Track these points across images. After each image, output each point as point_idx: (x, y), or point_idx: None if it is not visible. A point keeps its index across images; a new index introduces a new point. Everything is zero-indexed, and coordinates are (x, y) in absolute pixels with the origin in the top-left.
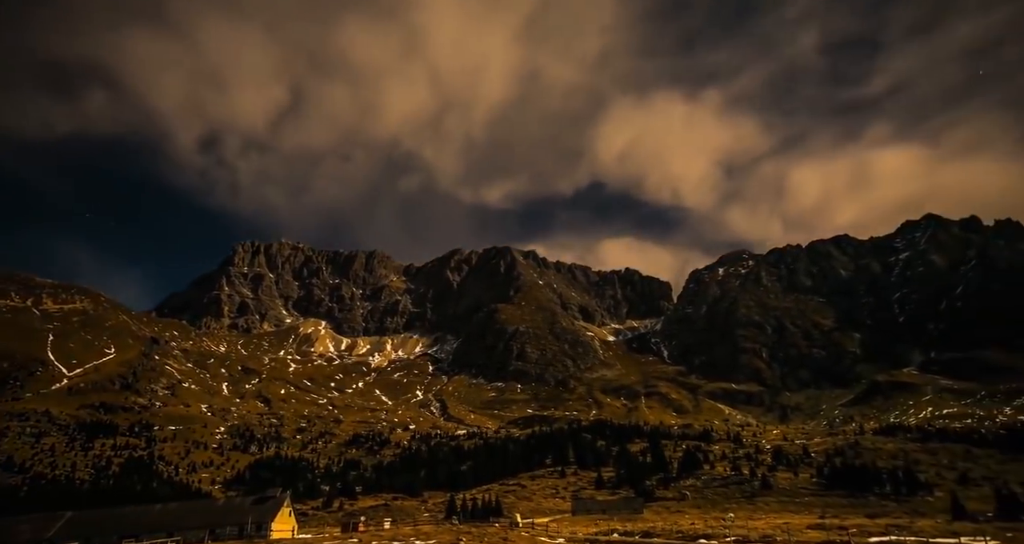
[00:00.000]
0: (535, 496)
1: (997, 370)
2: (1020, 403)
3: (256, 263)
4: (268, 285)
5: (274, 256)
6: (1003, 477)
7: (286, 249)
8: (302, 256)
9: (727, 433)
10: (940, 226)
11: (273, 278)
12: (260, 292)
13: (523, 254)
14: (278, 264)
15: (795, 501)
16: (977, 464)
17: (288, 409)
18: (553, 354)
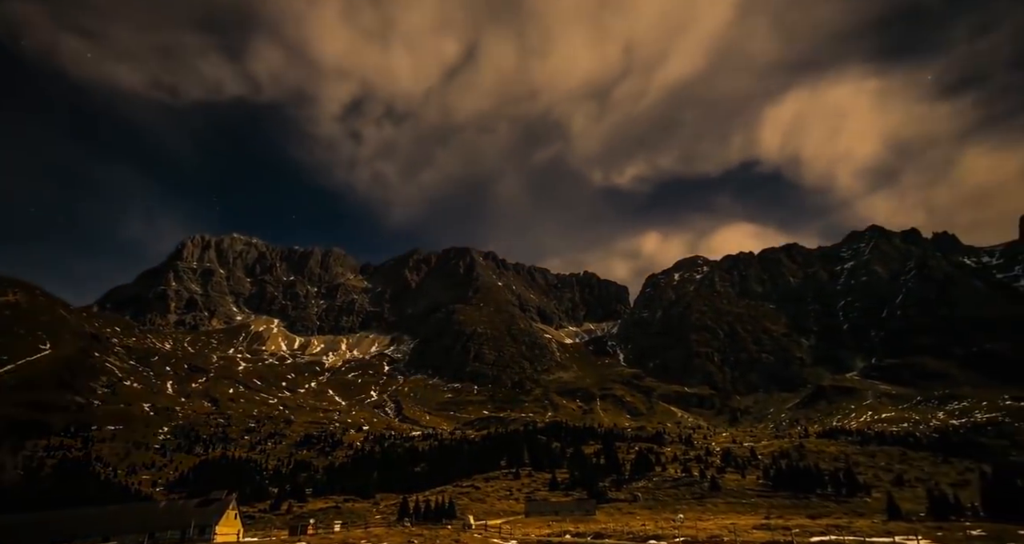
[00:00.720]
0: (489, 498)
1: (932, 376)
2: (952, 408)
3: (206, 258)
4: (219, 281)
5: (225, 251)
6: (935, 479)
7: (238, 244)
8: (255, 252)
9: (679, 435)
10: (883, 237)
11: (224, 274)
12: (210, 288)
13: (483, 255)
14: (229, 260)
15: (742, 502)
16: (912, 466)
17: (237, 409)
18: (510, 356)
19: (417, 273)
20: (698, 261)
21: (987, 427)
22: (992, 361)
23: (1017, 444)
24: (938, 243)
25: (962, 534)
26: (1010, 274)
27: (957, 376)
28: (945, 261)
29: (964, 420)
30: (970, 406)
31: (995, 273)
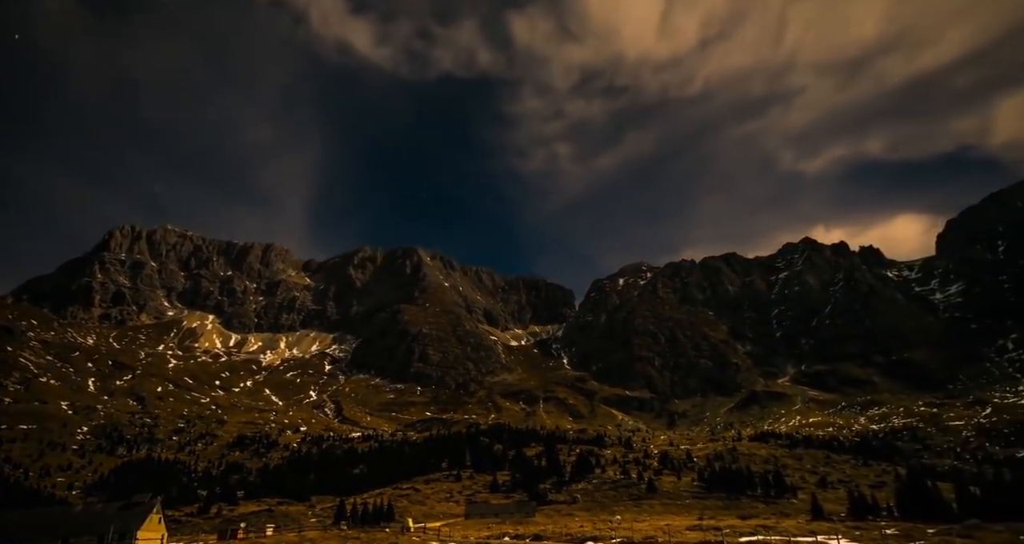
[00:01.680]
0: (429, 500)
1: (855, 383)
2: (872, 414)
3: (136, 249)
4: (149, 274)
5: (157, 243)
6: (856, 480)
7: (172, 236)
8: (190, 245)
9: (619, 438)
10: (815, 250)
11: (155, 267)
12: (139, 281)
13: (430, 255)
14: (162, 252)
15: (677, 503)
16: (835, 469)
17: (165, 408)
18: (455, 357)
19: (362, 271)
20: (642, 267)
21: (903, 432)
22: (909, 369)
23: (928, 448)
24: (864, 256)
25: (878, 533)
26: (927, 287)
27: (878, 383)
28: (870, 274)
29: (883, 425)
30: (888, 412)
31: (914, 286)
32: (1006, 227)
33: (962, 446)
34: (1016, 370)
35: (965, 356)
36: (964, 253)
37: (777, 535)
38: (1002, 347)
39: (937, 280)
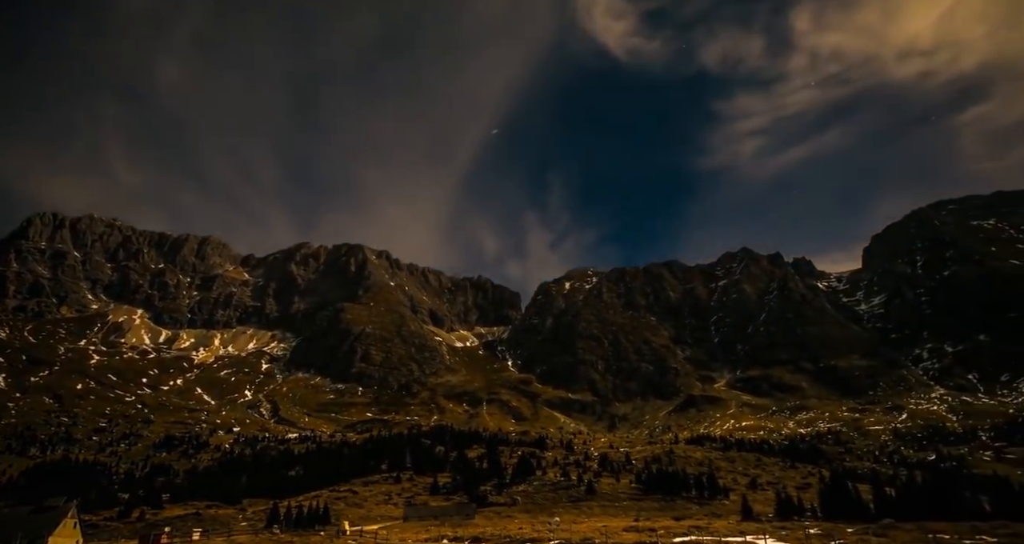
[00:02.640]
0: (367, 502)
1: (785, 389)
2: (801, 418)
3: (58, 238)
4: (72, 264)
5: (82, 232)
6: (783, 482)
7: (99, 226)
8: (119, 235)
9: (561, 440)
10: (752, 259)
11: (79, 257)
12: (60, 272)
13: (376, 253)
14: (87, 242)
15: (615, 505)
16: (765, 471)
17: (85, 407)
18: (399, 357)
19: (304, 268)
20: (588, 272)
21: (828, 436)
22: (835, 376)
23: (850, 451)
24: (797, 267)
25: (802, 533)
26: (853, 299)
27: (806, 389)
28: (802, 284)
29: (810, 429)
30: (815, 416)
31: (841, 297)
32: (924, 244)
33: (880, 449)
34: (930, 378)
35: (885, 364)
36: (887, 267)
37: (709, 535)
38: (918, 356)
39: (862, 292)
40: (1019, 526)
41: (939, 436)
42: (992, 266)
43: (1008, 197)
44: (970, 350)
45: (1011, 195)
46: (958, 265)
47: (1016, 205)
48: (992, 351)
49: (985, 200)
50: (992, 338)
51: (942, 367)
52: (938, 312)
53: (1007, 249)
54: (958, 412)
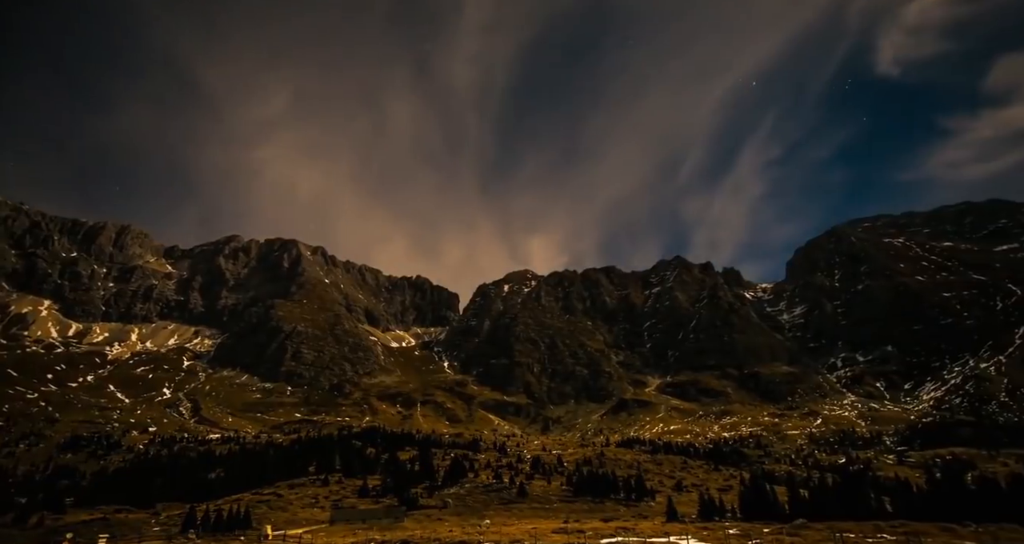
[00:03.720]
0: (292, 506)
1: (712, 394)
2: (725, 422)
3: None
4: None
5: None
6: (707, 484)
7: (3, 209)
8: (26, 220)
9: (494, 443)
10: (685, 267)
11: None
12: None
13: (311, 249)
14: None
15: (546, 507)
16: (690, 473)
17: None
18: (331, 357)
19: (234, 262)
20: (527, 275)
21: (749, 439)
22: (758, 382)
23: (770, 454)
24: (726, 276)
25: (722, 533)
26: (776, 309)
27: (731, 395)
28: (731, 293)
29: (733, 433)
30: (739, 421)
31: (766, 307)
32: (841, 258)
33: (796, 453)
34: (843, 385)
35: (804, 372)
36: (808, 279)
37: (635, 536)
38: (833, 365)
39: (784, 302)
40: (916, 525)
41: (849, 440)
42: (900, 281)
43: (916, 217)
44: (878, 360)
45: (918, 215)
46: (870, 279)
47: (922, 226)
48: (898, 361)
49: (894, 219)
50: (898, 349)
51: (854, 375)
52: (852, 323)
53: (913, 266)
54: (867, 418)
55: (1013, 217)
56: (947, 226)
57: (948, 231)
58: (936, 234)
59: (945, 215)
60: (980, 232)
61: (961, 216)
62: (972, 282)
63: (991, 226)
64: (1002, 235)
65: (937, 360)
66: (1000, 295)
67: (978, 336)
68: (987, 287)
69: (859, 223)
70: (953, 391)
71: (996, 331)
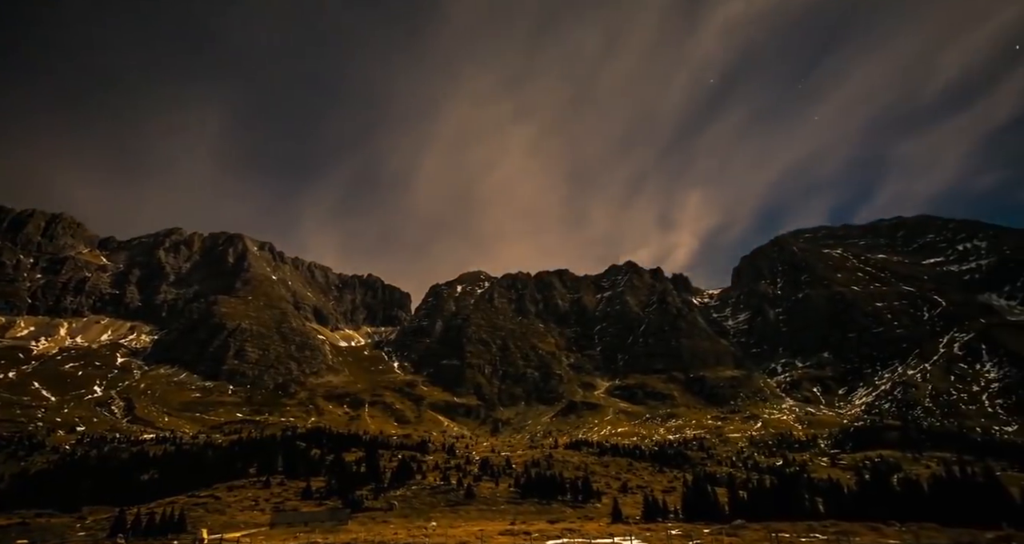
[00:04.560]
0: (231, 509)
1: (659, 397)
2: (670, 425)
3: None
4: None
5: None
6: (651, 486)
7: None
8: None
9: (443, 444)
10: (636, 273)
11: None
12: None
13: (258, 245)
14: None
15: (493, 509)
16: (636, 475)
17: None
18: (277, 355)
19: (175, 256)
20: (481, 276)
21: (693, 442)
22: (702, 386)
23: (712, 456)
24: (675, 282)
25: (664, 533)
26: (722, 314)
27: (677, 398)
28: (679, 299)
29: (678, 436)
30: (683, 424)
31: (712, 313)
32: (783, 267)
33: (737, 455)
34: (782, 390)
35: (746, 377)
36: (752, 287)
37: (580, 537)
38: (773, 370)
39: (730, 308)
40: (846, 525)
41: (786, 443)
42: (836, 290)
43: (853, 230)
44: (816, 366)
45: (855, 228)
46: (810, 288)
47: (858, 238)
48: (833, 367)
49: (833, 231)
50: (834, 355)
51: (792, 381)
52: (792, 330)
53: (849, 276)
54: (803, 422)
55: (940, 233)
56: (881, 239)
57: (882, 244)
58: (871, 246)
59: (880, 229)
60: (911, 246)
61: (894, 230)
62: (902, 293)
63: (920, 241)
64: (930, 249)
65: (869, 367)
66: (927, 306)
67: (906, 344)
68: (915, 298)
69: (801, 234)
70: (883, 396)
71: (922, 340)
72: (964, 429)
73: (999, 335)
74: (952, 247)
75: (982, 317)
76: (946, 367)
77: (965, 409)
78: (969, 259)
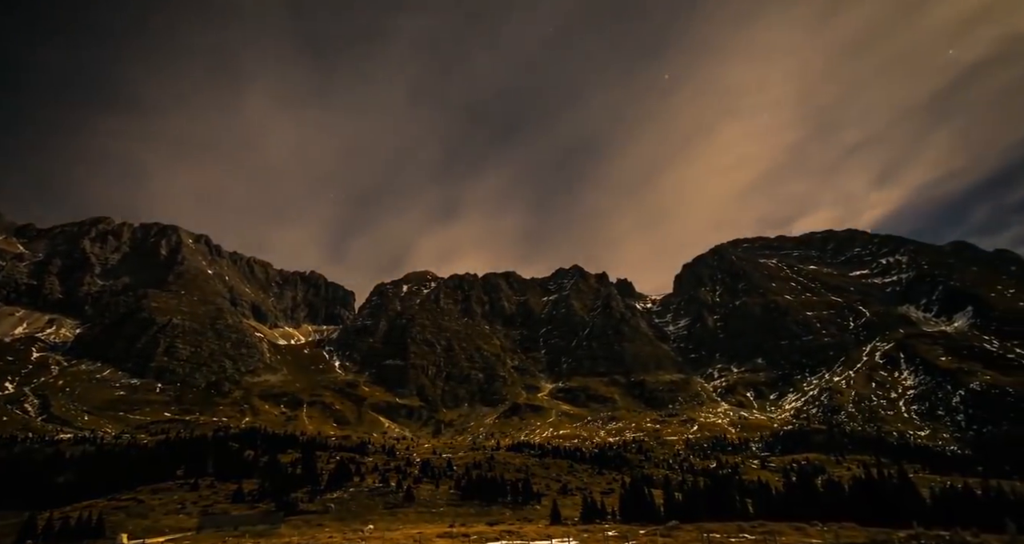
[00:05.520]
0: (154, 512)
1: (601, 400)
2: (611, 428)
3: None
4: None
5: None
6: (591, 487)
7: None
8: None
9: (383, 446)
10: (582, 277)
11: None
12: None
13: (194, 237)
14: None
15: (432, 511)
16: (576, 477)
17: None
18: (211, 353)
19: (101, 246)
20: (427, 276)
21: (632, 444)
22: (643, 390)
23: (650, 459)
24: (620, 287)
25: (601, 534)
26: (663, 320)
27: (618, 401)
28: (623, 304)
29: (618, 438)
30: (624, 426)
31: (654, 318)
32: (722, 275)
33: (674, 458)
34: (718, 395)
35: (684, 381)
36: (692, 293)
37: (519, 539)
38: (710, 375)
39: (671, 314)
40: (773, 525)
41: (721, 446)
42: (771, 299)
43: (787, 241)
44: (750, 371)
45: (790, 240)
46: (747, 296)
47: (792, 249)
48: (766, 373)
49: (769, 242)
50: (767, 361)
51: (728, 385)
52: (729, 336)
53: (783, 286)
54: (737, 425)
55: (866, 247)
56: (813, 251)
57: (813, 256)
58: (803, 258)
59: (812, 241)
60: (839, 258)
61: (825, 243)
62: (830, 303)
63: (848, 253)
64: (857, 262)
65: (799, 373)
66: (852, 316)
67: (833, 352)
68: (842, 308)
69: (740, 243)
70: (811, 402)
71: (848, 348)
72: (883, 433)
73: (916, 345)
74: (876, 260)
75: (901, 328)
76: (868, 374)
77: (884, 414)
78: (891, 272)
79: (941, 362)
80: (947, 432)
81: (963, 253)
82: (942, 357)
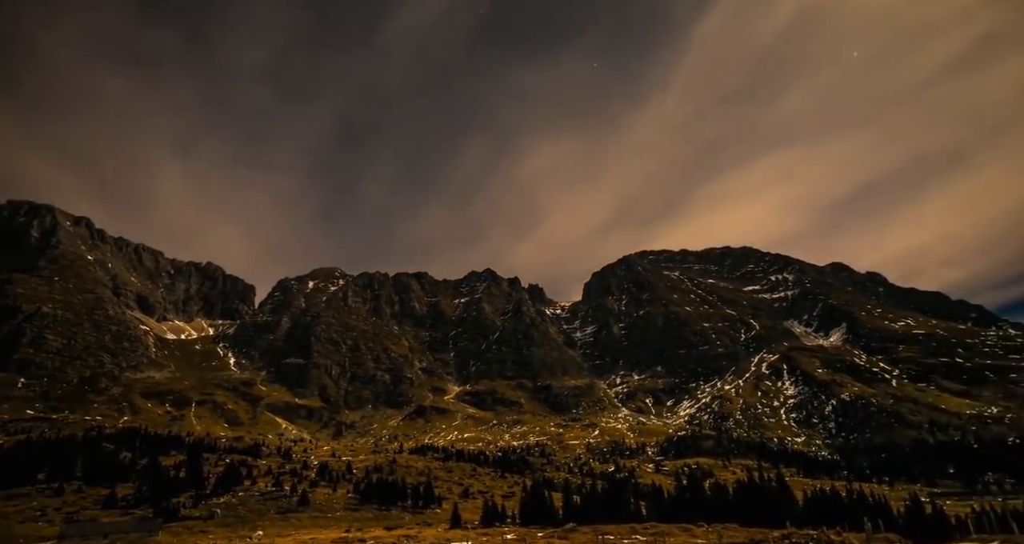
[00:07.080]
0: (8, 520)
1: (508, 403)
2: (516, 431)
3: None
4: None
5: None
6: (492, 491)
7: None
8: None
9: (279, 448)
10: (494, 280)
11: None
12: None
13: (72, 219)
14: None
15: (327, 516)
16: (478, 480)
17: None
18: (86, 346)
19: None
20: (335, 273)
21: (535, 448)
22: (548, 394)
23: (552, 462)
24: (531, 292)
25: (500, 538)
26: (572, 326)
27: (524, 405)
28: (534, 309)
29: (522, 442)
30: (528, 430)
31: (563, 324)
32: (628, 285)
33: (575, 462)
34: (619, 401)
35: (589, 386)
36: (600, 301)
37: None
38: (613, 381)
39: (579, 321)
40: (663, 526)
41: (619, 450)
42: (672, 309)
43: (690, 255)
44: (649, 378)
45: (692, 253)
46: (650, 306)
47: (694, 263)
48: (665, 380)
49: (673, 255)
50: (666, 369)
51: (628, 392)
52: (632, 344)
53: (684, 297)
54: (635, 430)
55: (758, 264)
56: (712, 265)
57: (712, 270)
58: (703, 272)
59: (711, 256)
60: (735, 273)
61: (723, 258)
62: (725, 315)
63: (743, 269)
64: (750, 278)
65: (693, 381)
66: (744, 328)
67: (725, 362)
68: (735, 321)
69: (647, 255)
70: (703, 409)
71: (738, 359)
72: (765, 439)
73: (797, 358)
74: (767, 277)
75: (785, 341)
76: (755, 384)
77: (767, 422)
78: (779, 289)
79: (818, 374)
80: (820, 439)
81: (840, 274)
82: (819, 369)
